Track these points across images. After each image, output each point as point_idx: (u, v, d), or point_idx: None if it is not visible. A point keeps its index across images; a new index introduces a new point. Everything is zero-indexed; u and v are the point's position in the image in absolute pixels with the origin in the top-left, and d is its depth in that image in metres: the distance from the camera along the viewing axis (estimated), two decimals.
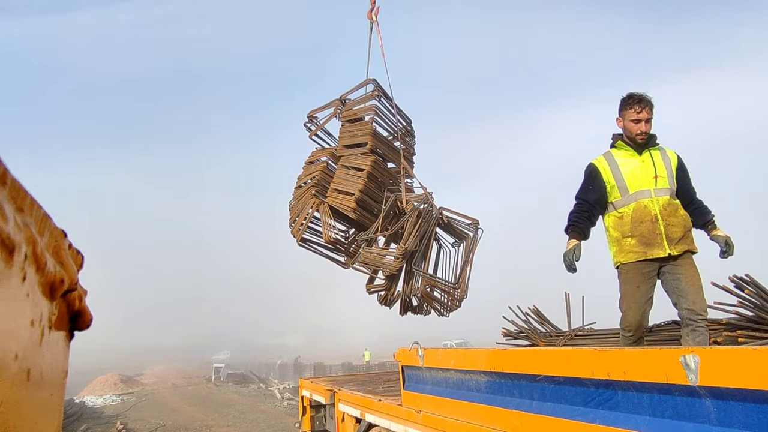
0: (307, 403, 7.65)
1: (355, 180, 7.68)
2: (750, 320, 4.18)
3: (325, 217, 7.67)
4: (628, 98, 4.25)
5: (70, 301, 0.76)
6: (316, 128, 8.49)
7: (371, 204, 7.67)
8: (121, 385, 40.96)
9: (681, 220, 4.12)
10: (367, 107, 8.06)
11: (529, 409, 3.04)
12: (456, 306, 7.33)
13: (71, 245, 0.77)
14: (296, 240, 7.93)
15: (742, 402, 1.94)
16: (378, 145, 7.93)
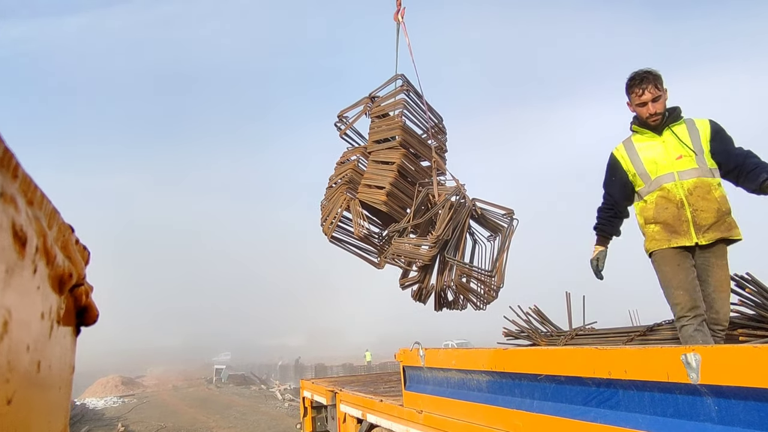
0: (308, 404, 7.65)
1: (386, 174, 7.68)
2: (751, 319, 4.18)
3: (355, 212, 7.68)
4: (629, 80, 3.98)
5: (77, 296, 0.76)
6: (346, 127, 8.50)
7: (402, 198, 7.64)
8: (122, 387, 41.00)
9: (713, 203, 3.69)
10: (396, 101, 8.07)
11: (531, 409, 3.04)
12: (493, 297, 7.13)
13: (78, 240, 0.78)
14: (327, 238, 7.96)
15: (743, 400, 1.95)
16: (408, 139, 7.93)
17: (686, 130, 3.86)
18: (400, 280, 7.61)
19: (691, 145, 3.80)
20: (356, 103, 8.44)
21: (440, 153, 8.37)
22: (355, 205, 7.70)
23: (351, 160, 8.29)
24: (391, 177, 7.54)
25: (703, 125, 3.86)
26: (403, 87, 8.08)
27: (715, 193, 3.72)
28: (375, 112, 8.21)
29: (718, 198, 3.71)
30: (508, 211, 7.31)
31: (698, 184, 3.74)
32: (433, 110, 8.44)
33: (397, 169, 7.61)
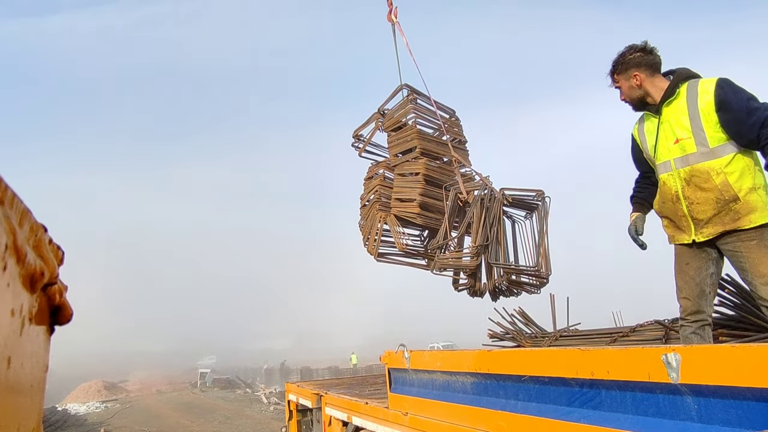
0: (293, 407, 7.62)
1: (414, 185, 7.78)
2: (731, 319, 4.25)
3: (393, 227, 7.77)
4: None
5: (51, 295, 0.76)
6: (363, 145, 8.60)
7: (435, 205, 7.72)
8: (104, 392, 40.50)
9: (712, 192, 3.27)
10: (406, 110, 8.14)
11: (515, 410, 3.05)
12: (544, 282, 7.11)
13: (51, 240, 0.77)
14: (374, 257, 8.01)
15: (722, 399, 1.97)
16: (426, 145, 7.99)
17: (685, 105, 3.36)
18: (452, 285, 7.70)
19: (689, 124, 3.32)
20: (368, 120, 8.57)
21: (459, 146, 8.44)
22: (392, 221, 7.80)
23: (377, 176, 8.39)
24: (420, 188, 7.67)
25: (706, 93, 3.28)
26: (410, 96, 8.16)
27: (715, 180, 3.24)
28: (389, 126, 8.31)
29: (719, 185, 3.23)
30: (538, 192, 7.26)
31: (694, 172, 3.32)
32: (443, 107, 8.50)
33: (423, 178, 7.72)
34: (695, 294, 3.42)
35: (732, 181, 3.20)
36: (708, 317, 3.43)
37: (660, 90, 3.49)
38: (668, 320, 5.07)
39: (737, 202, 3.19)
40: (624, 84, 3.60)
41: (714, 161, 3.25)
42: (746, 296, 4.14)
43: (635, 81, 3.54)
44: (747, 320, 4.11)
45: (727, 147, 3.23)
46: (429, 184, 7.78)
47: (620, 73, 3.61)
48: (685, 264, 3.47)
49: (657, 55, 3.55)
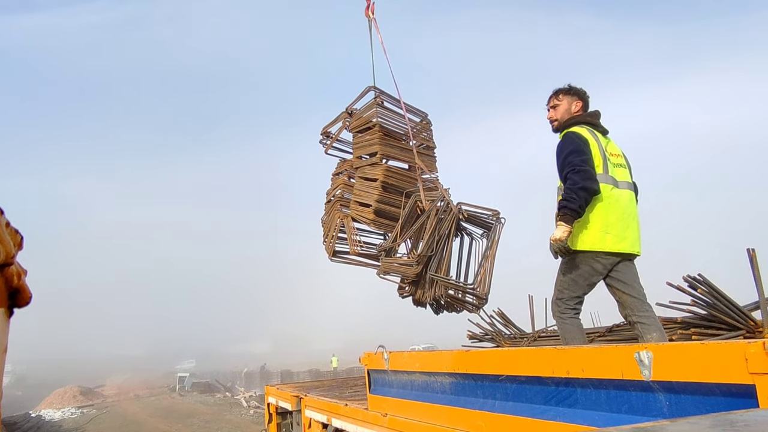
0: (273, 410, 7.57)
1: (371, 191, 7.65)
2: (703, 318, 4.34)
3: (349, 228, 7.70)
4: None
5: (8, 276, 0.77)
6: (330, 143, 8.53)
7: (392, 212, 7.60)
8: (80, 398, 39.72)
9: None
10: (371, 113, 8.01)
11: (493, 409, 3.08)
12: (483, 302, 6.97)
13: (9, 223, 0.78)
14: (328, 255, 7.98)
15: (692, 395, 2.02)
16: (389, 150, 7.90)
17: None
18: (398, 291, 7.64)
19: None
20: (336, 119, 8.48)
21: (427, 151, 8.35)
22: (348, 223, 7.73)
23: (342, 174, 8.29)
24: (377, 194, 7.54)
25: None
26: (377, 99, 8.06)
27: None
28: (354, 127, 8.21)
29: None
30: (493, 212, 7.19)
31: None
32: (414, 109, 8.41)
33: (380, 185, 7.60)
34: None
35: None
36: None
37: None
38: None
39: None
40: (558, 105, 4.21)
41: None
42: (718, 296, 4.24)
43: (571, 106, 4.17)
44: (718, 319, 4.21)
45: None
46: (388, 190, 7.70)
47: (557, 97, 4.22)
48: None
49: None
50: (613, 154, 3.96)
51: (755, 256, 4.17)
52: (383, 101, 8.15)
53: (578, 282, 3.87)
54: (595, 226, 3.78)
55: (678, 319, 4.57)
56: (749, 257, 4.19)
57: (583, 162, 3.74)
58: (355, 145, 8.27)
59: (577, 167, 3.72)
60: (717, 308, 4.22)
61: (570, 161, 3.76)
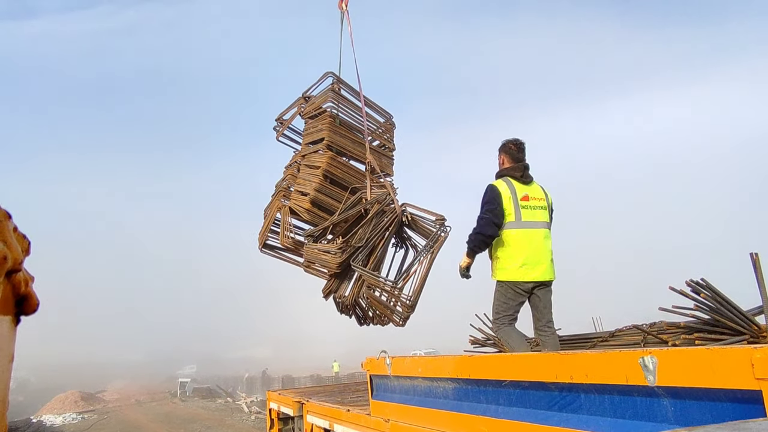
0: (275, 415, 7.55)
1: (311, 179, 7.17)
2: (706, 323, 4.31)
3: (285, 218, 7.19)
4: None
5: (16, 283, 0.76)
6: (281, 129, 8.01)
7: (332, 205, 7.07)
8: (81, 403, 39.60)
9: None
10: (324, 98, 7.60)
11: (496, 415, 3.07)
12: (407, 312, 6.32)
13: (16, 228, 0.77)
14: (258, 246, 7.47)
15: (697, 400, 2.01)
16: (337, 140, 7.43)
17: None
18: (322, 289, 7.06)
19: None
20: (292, 105, 8.05)
21: (385, 152, 7.94)
22: (285, 213, 7.25)
23: (295, 164, 7.84)
24: (316, 182, 7.03)
25: None
26: (334, 86, 7.66)
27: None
28: (307, 113, 7.79)
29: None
30: (438, 218, 6.56)
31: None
32: (377, 107, 8.05)
33: (322, 173, 7.09)
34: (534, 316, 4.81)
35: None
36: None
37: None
38: (646, 325, 5.15)
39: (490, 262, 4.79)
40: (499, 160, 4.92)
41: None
42: (721, 301, 4.23)
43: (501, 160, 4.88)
44: (722, 324, 4.19)
45: None
46: (333, 183, 7.22)
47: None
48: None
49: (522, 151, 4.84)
50: (534, 198, 4.69)
51: (758, 261, 4.15)
52: (340, 89, 7.74)
53: (509, 304, 4.64)
54: (514, 261, 4.58)
55: (681, 324, 4.55)
56: (752, 261, 4.17)
57: (489, 211, 4.58)
58: (305, 132, 7.87)
59: (482, 216, 4.62)
60: (720, 313, 4.20)
61: (481, 209, 4.65)
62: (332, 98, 7.58)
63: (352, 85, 7.81)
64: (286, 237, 7.14)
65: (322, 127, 7.41)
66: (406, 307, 6.31)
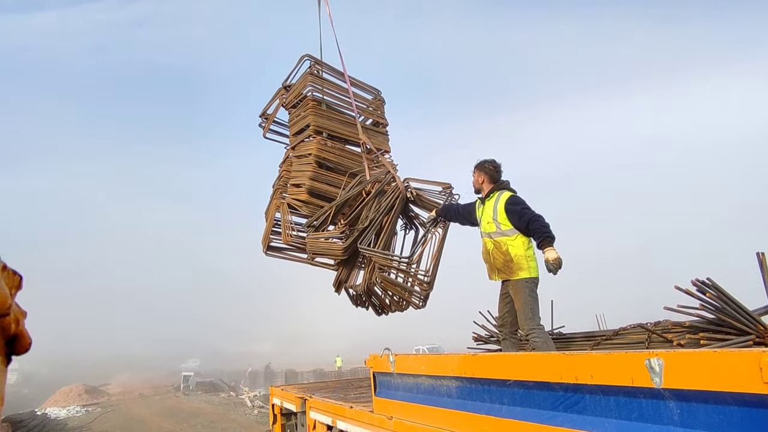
0: (278, 411, 7.56)
1: (304, 168, 6.80)
2: (711, 323, 4.29)
3: (284, 216, 6.85)
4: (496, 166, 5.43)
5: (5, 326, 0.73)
6: (267, 124, 7.65)
7: (330, 192, 6.69)
8: (85, 396, 39.80)
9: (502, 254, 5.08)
10: (302, 83, 7.25)
11: (500, 414, 3.06)
12: (425, 290, 6.00)
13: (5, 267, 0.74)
14: (263, 249, 7.13)
15: (704, 403, 1.99)
16: (324, 123, 7.06)
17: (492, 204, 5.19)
18: (333, 283, 6.67)
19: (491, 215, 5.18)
20: (273, 97, 7.64)
21: (378, 129, 7.58)
22: (283, 211, 6.87)
23: (288, 160, 7.47)
24: (310, 171, 6.67)
25: (502, 200, 5.13)
26: (312, 68, 7.28)
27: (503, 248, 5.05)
28: (289, 103, 7.40)
29: (506, 251, 5.03)
30: (445, 186, 6.24)
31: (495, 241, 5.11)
32: (365, 86, 7.69)
33: (314, 160, 6.75)
34: (501, 314, 5.24)
35: (511, 250, 5.00)
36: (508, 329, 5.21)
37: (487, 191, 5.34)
38: (650, 323, 5.12)
39: (513, 262, 4.97)
40: (476, 177, 5.41)
41: (503, 237, 5.06)
42: (726, 300, 4.20)
43: (480, 179, 5.39)
44: (727, 324, 4.17)
45: (511, 230, 5.03)
46: (328, 169, 6.85)
47: (477, 170, 5.41)
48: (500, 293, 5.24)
49: (499, 171, 5.38)
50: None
51: (765, 260, 4.12)
52: (320, 71, 7.35)
53: (538, 302, 4.95)
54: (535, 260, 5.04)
55: (686, 323, 4.53)
56: (759, 261, 4.15)
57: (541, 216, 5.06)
58: (290, 123, 7.46)
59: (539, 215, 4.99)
60: (726, 313, 4.18)
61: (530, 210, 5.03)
62: (312, 82, 7.22)
63: (335, 67, 7.43)
64: (288, 235, 6.82)
65: (306, 113, 7.08)
66: (423, 284, 6.01)
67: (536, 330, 4.83)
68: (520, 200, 5.12)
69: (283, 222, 6.88)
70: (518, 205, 5.06)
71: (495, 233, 5.13)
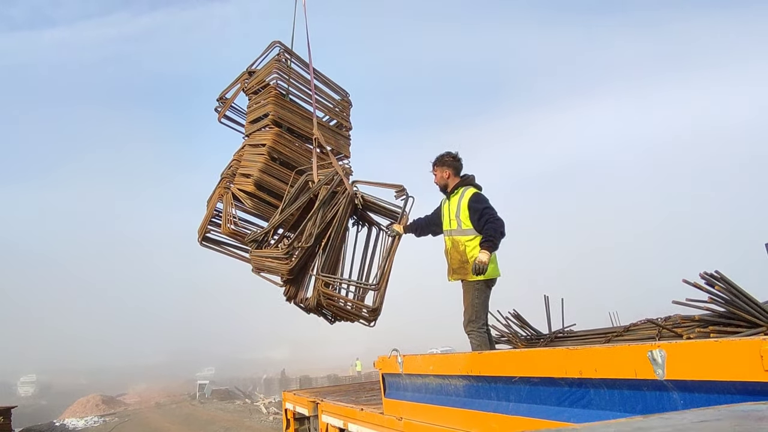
0: (290, 415, 7.60)
1: (256, 159, 6.43)
2: (721, 316, 4.25)
3: (227, 205, 6.42)
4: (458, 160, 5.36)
5: None
6: (223, 109, 7.16)
7: (278, 188, 6.30)
8: (102, 406, 40.20)
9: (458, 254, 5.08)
10: (267, 69, 6.85)
11: (507, 411, 3.06)
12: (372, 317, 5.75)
13: None
14: (198, 239, 6.67)
15: (706, 394, 1.99)
16: (284, 114, 6.66)
17: (457, 200, 5.13)
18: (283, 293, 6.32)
19: (455, 212, 5.12)
20: (235, 81, 7.23)
21: (341, 132, 7.24)
22: (227, 200, 6.47)
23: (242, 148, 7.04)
24: (261, 162, 6.32)
25: (466, 197, 5.06)
26: (280, 56, 6.92)
27: (461, 247, 5.02)
28: (250, 88, 7.01)
29: (462, 251, 5.01)
30: (398, 189, 5.76)
31: (454, 240, 5.09)
32: (333, 84, 7.32)
33: (268, 152, 6.39)
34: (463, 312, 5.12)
35: (468, 250, 4.97)
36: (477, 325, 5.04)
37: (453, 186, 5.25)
38: (661, 318, 5.09)
39: (467, 264, 4.92)
40: (438, 174, 5.31)
41: (462, 237, 5.02)
42: (736, 293, 4.17)
43: (444, 175, 5.28)
44: (737, 316, 4.13)
45: (471, 230, 4.97)
46: (282, 164, 6.47)
47: (438, 166, 5.32)
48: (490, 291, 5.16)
49: (460, 161, 5.29)
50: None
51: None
52: (290, 60, 6.99)
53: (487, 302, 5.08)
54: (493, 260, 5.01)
55: (696, 317, 4.49)
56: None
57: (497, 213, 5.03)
58: (249, 108, 7.06)
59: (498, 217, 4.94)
60: (736, 305, 4.13)
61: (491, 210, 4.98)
62: (278, 69, 6.85)
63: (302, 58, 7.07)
64: (228, 228, 6.33)
65: (267, 101, 6.69)
66: (369, 312, 5.76)
67: (475, 332, 4.90)
68: (483, 198, 5.01)
69: (225, 212, 6.44)
70: (481, 203, 4.96)
71: (455, 231, 5.06)
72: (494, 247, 4.85)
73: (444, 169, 5.25)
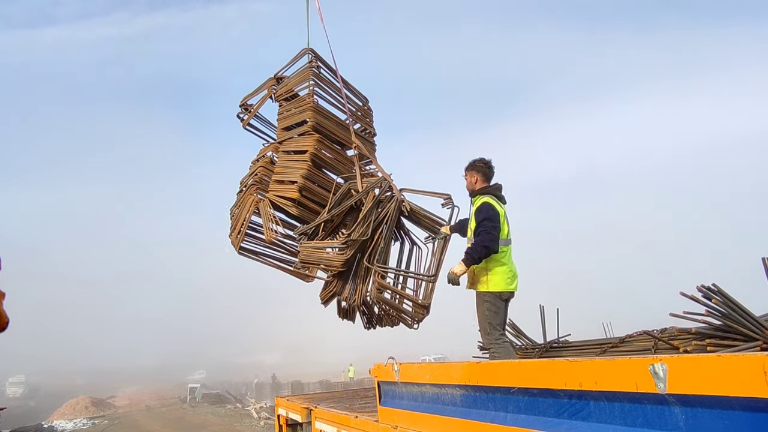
0: (283, 421, 7.53)
1: (298, 165, 6.37)
2: (718, 329, 4.26)
3: (266, 213, 6.40)
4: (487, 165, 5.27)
5: None
6: (249, 115, 7.16)
7: (321, 195, 6.31)
8: (92, 408, 39.76)
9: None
10: (302, 76, 6.88)
11: (504, 422, 3.04)
12: (424, 314, 5.81)
13: None
14: (235, 249, 6.68)
15: (709, 408, 1.98)
16: (322, 121, 6.71)
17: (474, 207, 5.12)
18: (320, 294, 6.34)
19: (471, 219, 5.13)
20: (260, 87, 7.21)
21: (367, 137, 7.26)
22: (264, 207, 6.45)
23: (266, 157, 7.09)
24: (304, 168, 6.28)
25: (475, 205, 5.05)
26: (312, 63, 6.93)
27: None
28: (281, 95, 7.00)
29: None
30: (444, 197, 5.91)
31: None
32: (354, 89, 7.34)
33: (310, 158, 6.37)
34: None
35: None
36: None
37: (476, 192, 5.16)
38: (657, 330, 5.09)
39: (473, 273, 4.98)
40: (468, 178, 5.22)
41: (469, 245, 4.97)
42: (733, 306, 4.17)
43: (473, 180, 5.19)
44: (734, 330, 4.13)
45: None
46: (319, 167, 6.49)
47: (469, 171, 5.22)
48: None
49: (491, 168, 5.20)
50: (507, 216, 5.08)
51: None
52: (320, 66, 6.99)
53: (500, 314, 4.92)
54: (505, 274, 4.91)
55: (692, 330, 4.50)
56: (765, 266, 4.12)
57: (494, 228, 4.81)
58: (280, 115, 7.01)
59: (488, 231, 4.79)
60: (732, 318, 4.14)
61: (483, 224, 4.83)
62: (314, 77, 6.85)
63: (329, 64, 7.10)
64: (271, 231, 6.31)
65: (305, 108, 6.68)
66: (420, 309, 5.81)
67: (494, 345, 4.84)
68: (485, 209, 4.93)
69: (265, 217, 6.39)
70: (482, 213, 4.92)
71: (469, 239, 5.08)
72: (471, 260, 4.82)
73: (473, 174, 5.20)
